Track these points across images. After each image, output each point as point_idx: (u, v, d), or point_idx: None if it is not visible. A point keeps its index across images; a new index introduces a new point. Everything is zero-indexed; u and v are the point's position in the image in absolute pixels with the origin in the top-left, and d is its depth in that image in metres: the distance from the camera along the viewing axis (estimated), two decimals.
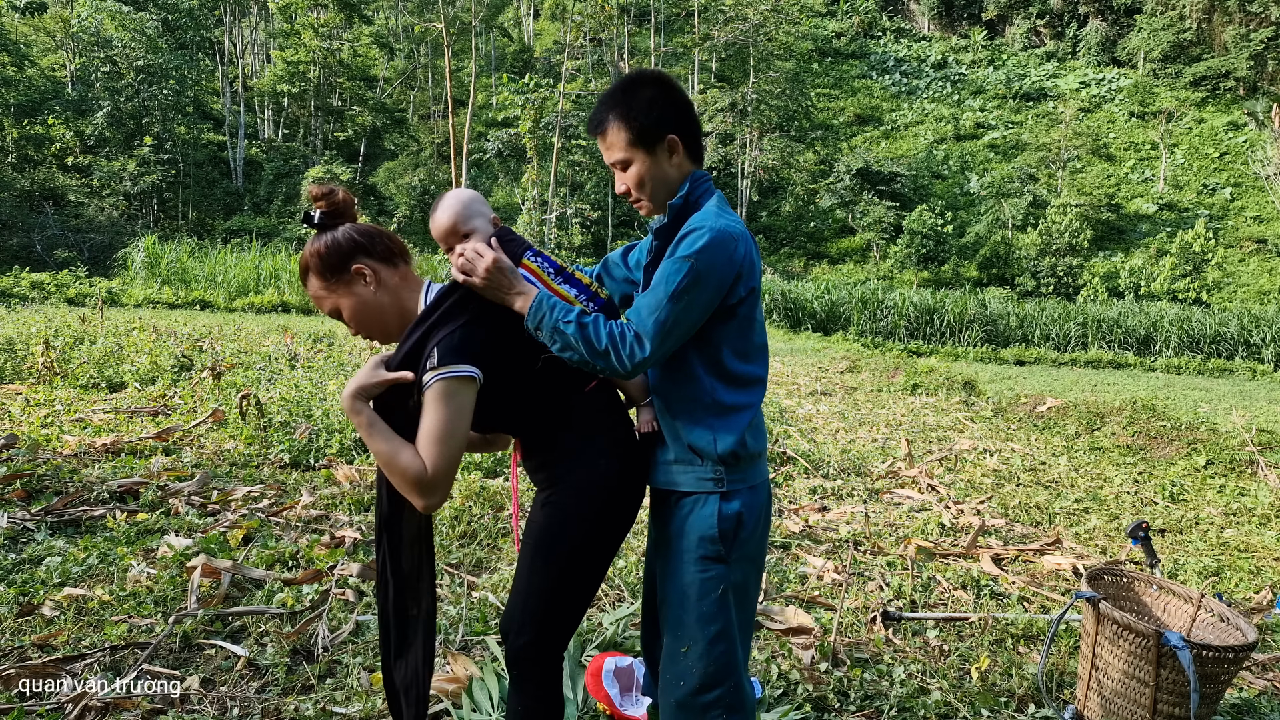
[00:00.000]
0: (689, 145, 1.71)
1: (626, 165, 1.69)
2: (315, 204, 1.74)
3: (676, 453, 1.72)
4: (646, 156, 1.67)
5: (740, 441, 1.68)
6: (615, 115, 1.66)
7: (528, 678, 1.72)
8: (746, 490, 1.72)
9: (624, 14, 38.72)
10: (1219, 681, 2.27)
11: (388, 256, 1.74)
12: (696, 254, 1.57)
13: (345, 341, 10.69)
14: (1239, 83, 42.28)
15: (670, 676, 1.71)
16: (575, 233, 30.37)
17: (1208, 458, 6.15)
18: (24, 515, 3.64)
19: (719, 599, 1.66)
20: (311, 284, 1.74)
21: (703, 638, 1.66)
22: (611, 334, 1.59)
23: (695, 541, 1.68)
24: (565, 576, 1.69)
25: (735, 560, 1.70)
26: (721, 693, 1.65)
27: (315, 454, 5.06)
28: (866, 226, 33.27)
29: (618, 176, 1.73)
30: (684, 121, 1.69)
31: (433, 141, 41.06)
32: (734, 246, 1.61)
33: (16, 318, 10.79)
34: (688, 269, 1.57)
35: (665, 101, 1.66)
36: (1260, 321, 19.04)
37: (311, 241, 1.73)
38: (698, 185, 1.72)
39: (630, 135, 1.65)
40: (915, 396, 9.70)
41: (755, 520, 1.73)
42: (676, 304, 1.57)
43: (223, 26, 40.76)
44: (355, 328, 1.76)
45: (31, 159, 30.56)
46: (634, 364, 1.59)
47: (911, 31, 56.53)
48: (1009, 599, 3.51)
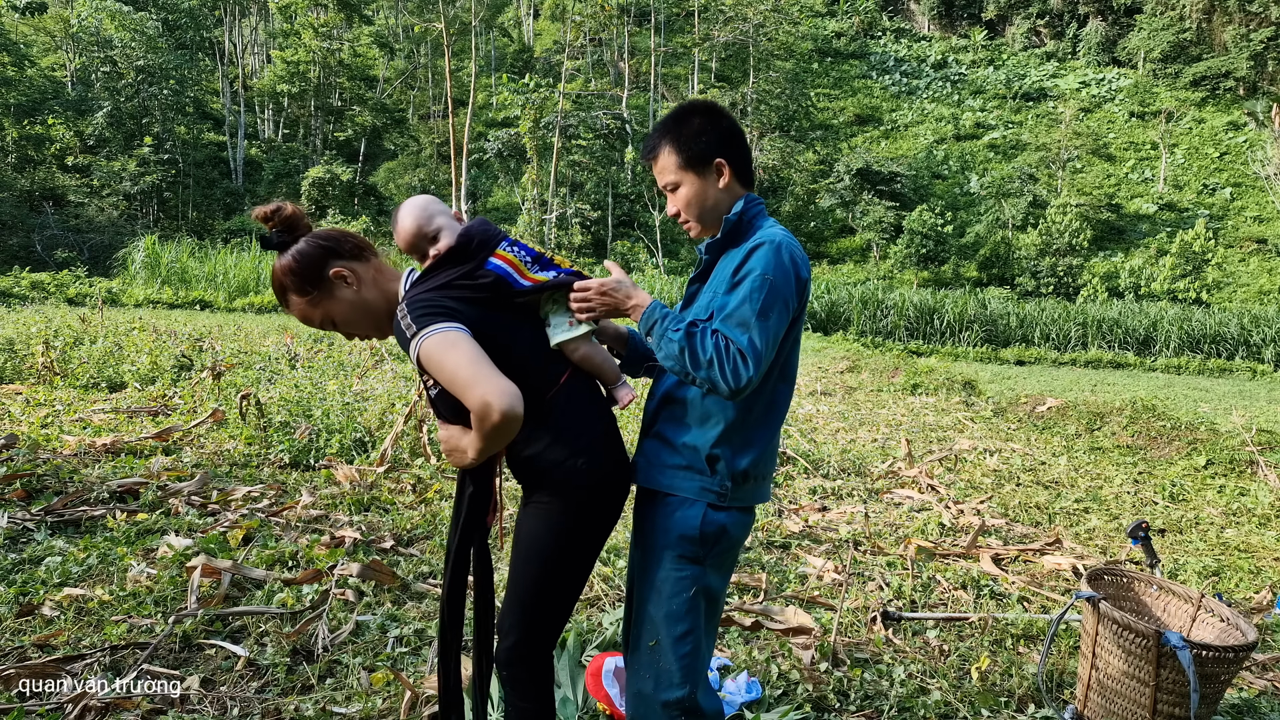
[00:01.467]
0: (738, 169, 1.75)
1: (676, 188, 1.75)
2: (267, 225, 1.70)
3: (687, 459, 1.71)
4: (696, 179, 1.73)
5: (755, 461, 1.70)
6: (667, 141, 1.74)
7: (518, 678, 1.72)
8: (739, 510, 1.72)
9: (624, 14, 38.70)
10: (1219, 681, 2.27)
11: (357, 254, 1.72)
12: (774, 269, 1.61)
13: (345, 341, 10.70)
14: (1239, 83, 42.26)
15: (635, 668, 1.73)
16: (575, 233, 30.35)
17: (1208, 458, 6.15)
18: (24, 515, 3.64)
19: (690, 599, 1.67)
20: (294, 303, 1.70)
21: (669, 635, 1.67)
22: (718, 346, 1.57)
23: (674, 539, 1.69)
24: (548, 580, 1.68)
25: (712, 566, 1.70)
26: (684, 695, 1.66)
27: (315, 454, 5.06)
28: (866, 226, 33.24)
29: (669, 199, 1.78)
30: (732, 147, 1.74)
31: (433, 141, 41.02)
32: (800, 263, 1.67)
33: (16, 318, 10.79)
34: (767, 286, 1.59)
35: (713, 128, 1.72)
36: (1260, 321, 19.05)
37: (278, 261, 1.68)
38: (752, 205, 1.77)
39: (680, 159, 1.72)
40: (915, 396, 9.69)
41: (736, 535, 1.73)
42: (766, 321, 1.58)
43: (223, 26, 40.75)
44: (350, 331, 1.74)
45: (31, 159, 30.56)
46: (740, 384, 1.56)
47: (911, 31, 56.50)
48: (1009, 599, 3.51)
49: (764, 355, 1.57)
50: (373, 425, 5.45)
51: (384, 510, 4.22)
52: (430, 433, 5.35)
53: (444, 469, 4.93)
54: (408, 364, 8.75)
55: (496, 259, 1.70)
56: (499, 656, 1.73)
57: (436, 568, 3.47)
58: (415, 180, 34.38)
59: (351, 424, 5.33)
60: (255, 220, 1.73)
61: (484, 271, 1.67)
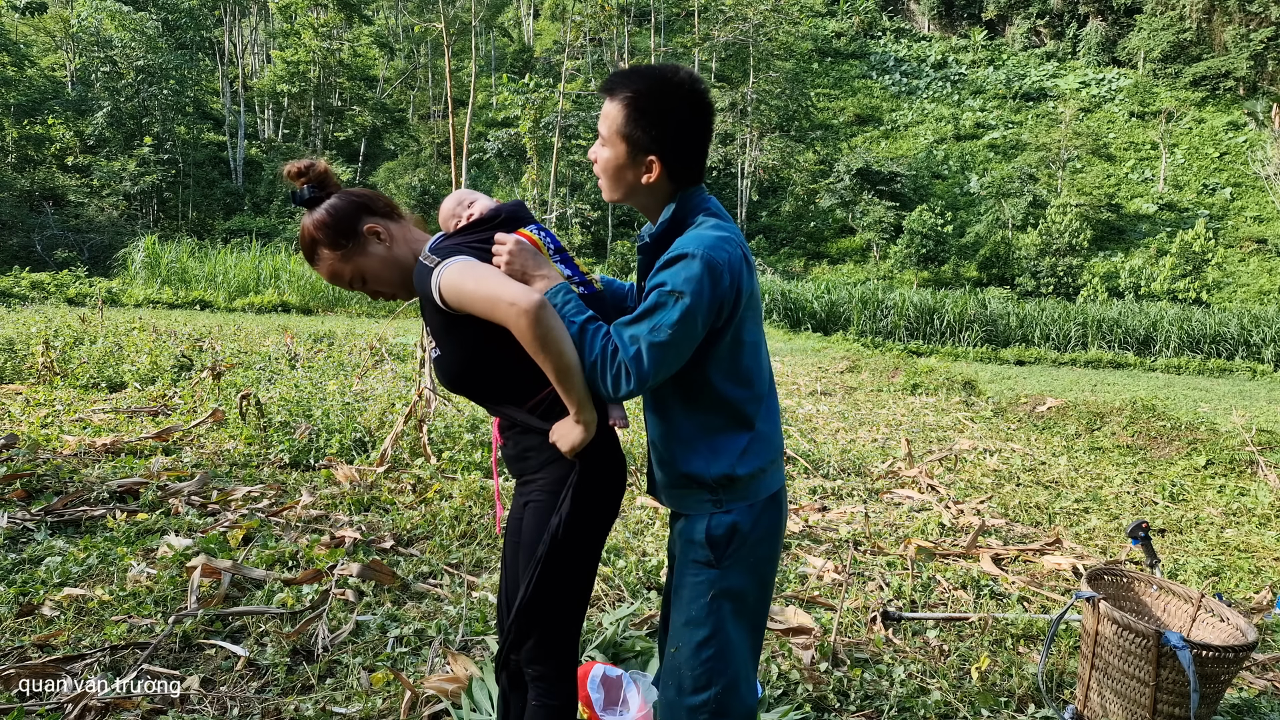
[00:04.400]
0: (673, 169, 1.61)
1: (604, 144, 1.62)
2: (298, 181, 1.70)
3: (671, 478, 1.71)
4: (624, 155, 1.60)
5: (733, 466, 1.64)
6: (625, 98, 1.57)
7: (544, 675, 1.72)
8: (744, 507, 1.68)
9: (624, 14, 38.69)
10: (1219, 681, 2.27)
11: (389, 212, 1.75)
12: (685, 283, 1.49)
13: (345, 341, 10.70)
14: (1239, 83, 42.27)
15: (663, 676, 1.74)
16: (575, 233, 30.37)
17: (1208, 458, 6.15)
18: (24, 515, 3.64)
19: (707, 604, 1.66)
20: (324, 258, 1.70)
21: (689, 641, 1.66)
22: (605, 351, 1.53)
23: (688, 548, 1.69)
24: (556, 577, 1.68)
25: (729, 567, 1.67)
26: (708, 698, 1.64)
27: (315, 454, 5.06)
28: (866, 226, 33.25)
29: (597, 144, 1.65)
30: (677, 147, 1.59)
31: (433, 141, 41.02)
32: (725, 270, 1.52)
33: (16, 318, 10.79)
34: (673, 303, 1.49)
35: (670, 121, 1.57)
36: (1260, 321, 19.05)
37: (309, 217, 1.69)
38: (688, 202, 1.64)
39: (622, 126, 1.57)
40: (915, 396, 9.69)
41: (755, 530, 1.68)
42: (662, 339, 1.49)
43: (223, 26, 40.74)
44: (378, 289, 1.74)
45: (31, 159, 30.56)
46: (617, 393, 1.54)
47: (911, 31, 56.50)
48: (1009, 599, 3.51)
49: (649, 374, 1.50)
50: (373, 425, 5.45)
51: (384, 510, 4.22)
52: (430, 433, 5.35)
53: (444, 469, 4.93)
54: (408, 364, 8.75)
55: (519, 235, 1.70)
56: (522, 657, 1.72)
57: (436, 568, 3.48)
58: (415, 180, 34.35)
59: (351, 424, 5.33)
60: (287, 177, 1.73)
61: None
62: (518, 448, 1.72)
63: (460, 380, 1.69)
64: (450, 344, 1.64)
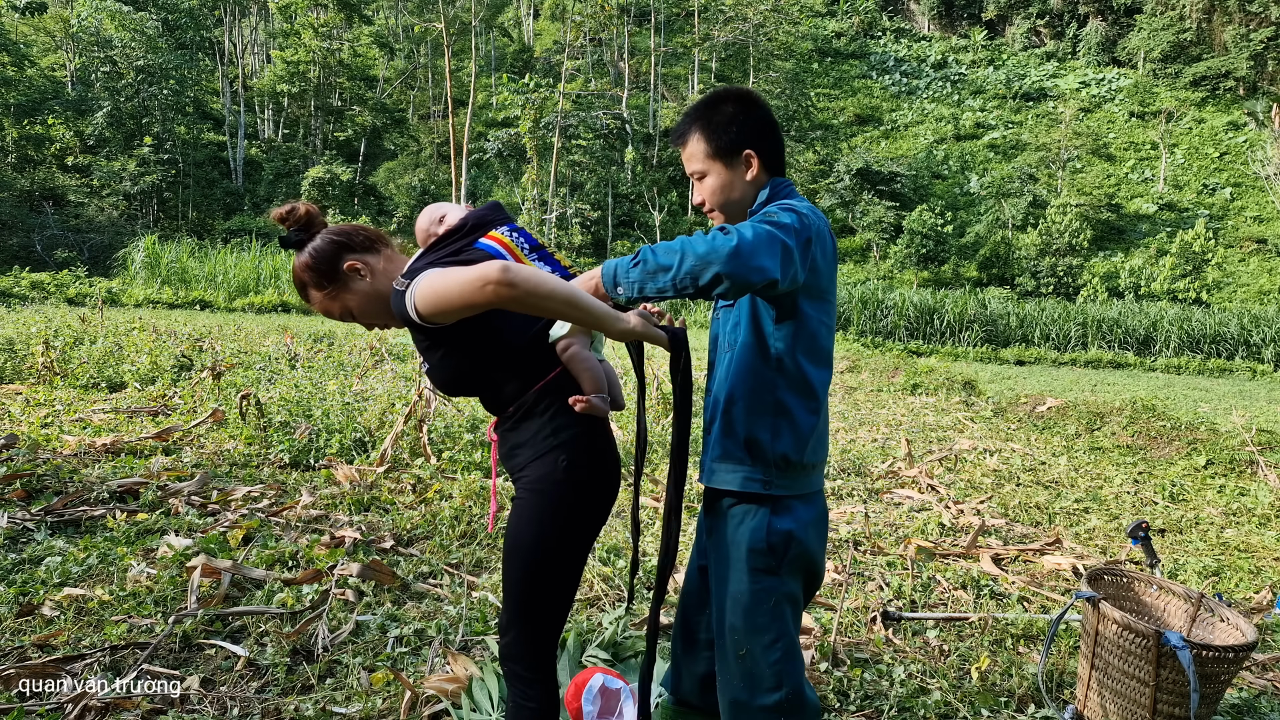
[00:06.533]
0: (767, 160, 1.74)
1: (703, 176, 1.74)
2: (284, 225, 1.78)
3: (727, 448, 1.71)
4: (724, 170, 1.72)
5: (795, 449, 1.68)
6: (696, 128, 1.72)
7: (517, 675, 1.74)
8: (797, 502, 1.71)
9: (624, 14, 38.70)
10: (1219, 681, 2.27)
11: (368, 246, 1.78)
12: (786, 215, 1.54)
13: (345, 341, 10.70)
14: (1239, 83, 42.26)
15: (726, 677, 1.74)
16: (575, 233, 30.37)
17: (1208, 458, 6.15)
18: (24, 515, 3.64)
19: (772, 609, 1.69)
20: (314, 298, 1.78)
21: (759, 645, 1.68)
22: (690, 238, 1.45)
23: (746, 553, 1.70)
24: (536, 576, 1.69)
25: (787, 572, 1.71)
26: (780, 698, 1.68)
27: (315, 454, 5.06)
28: (866, 226, 33.25)
29: (695, 187, 1.77)
30: (763, 137, 1.72)
31: (433, 141, 41.02)
32: (811, 224, 1.58)
33: (16, 318, 10.79)
34: (784, 214, 1.54)
35: (745, 117, 1.71)
36: (1260, 321, 19.06)
37: (296, 259, 1.77)
38: (778, 189, 1.74)
39: (709, 148, 1.71)
40: (915, 396, 9.69)
41: (807, 535, 1.72)
42: (775, 222, 1.50)
43: (223, 26, 40.74)
44: (368, 321, 1.80)
45: (31, 159, 30.56)
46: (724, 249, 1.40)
47: (911, 31, 56.50)
48: (1009, 599, 3.51)
49: (749, 245, 1.40)
50: (373, 425, 5.45)
51: (384, 510, 4.22)
52: (430, 433, 5.36)
53: (444, 469, 4.93)
54: (408, 364, 8.75)
55: (488, 239, 1.72)
56: (500, 653, 1.76)
57: (436, 568, 3.48)
58: (415, 180, 34.37)
59: (351, 424, 5.33)
60: (273, 221, 1.83)
61: (472, 250, 1.69)
62: (506, 445, 1.75)
63: (454, 386, 1.75)
64: (436, 356, 1.70)
